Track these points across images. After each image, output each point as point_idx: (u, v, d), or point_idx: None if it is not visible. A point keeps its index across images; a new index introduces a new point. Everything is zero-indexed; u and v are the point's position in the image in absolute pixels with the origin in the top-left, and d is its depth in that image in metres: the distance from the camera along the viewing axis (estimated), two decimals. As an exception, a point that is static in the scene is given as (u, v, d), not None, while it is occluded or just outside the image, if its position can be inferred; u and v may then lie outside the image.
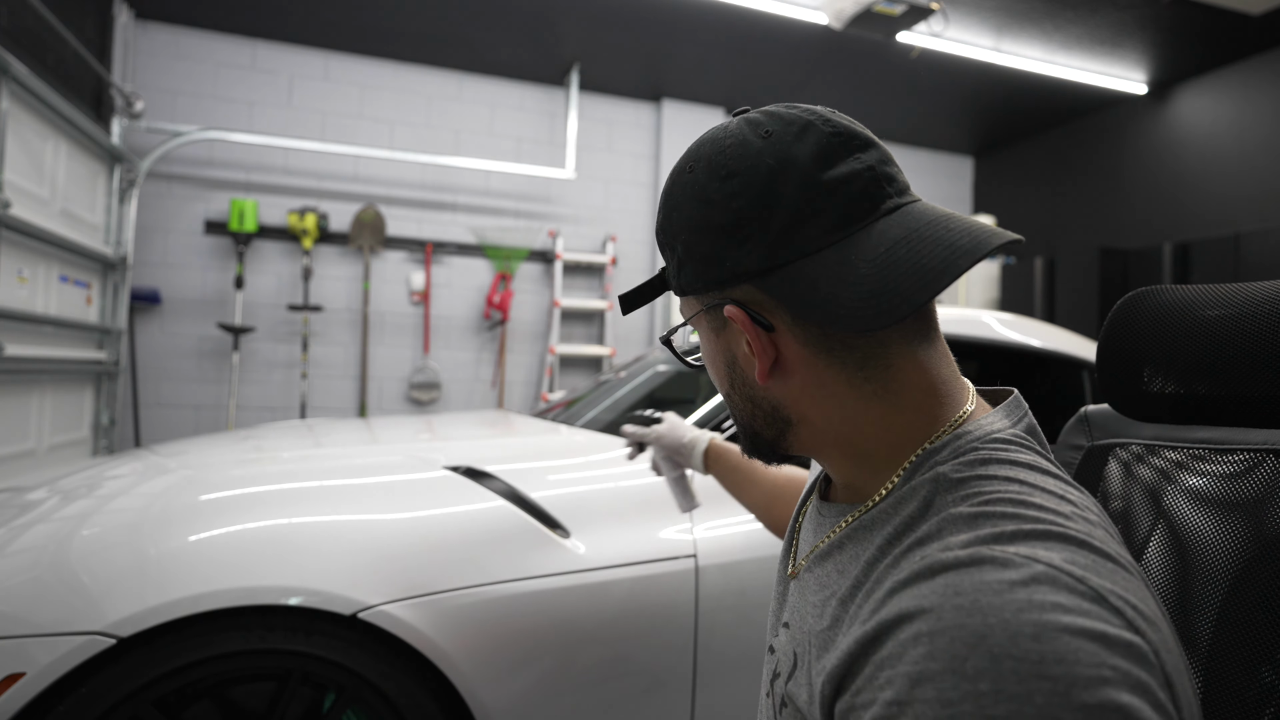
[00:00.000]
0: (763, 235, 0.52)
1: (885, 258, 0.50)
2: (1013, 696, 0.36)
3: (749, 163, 0.53)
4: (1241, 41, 4.34)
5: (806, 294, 0.51)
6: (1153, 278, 4.64)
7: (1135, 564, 0.47)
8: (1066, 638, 0.37)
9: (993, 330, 2.03)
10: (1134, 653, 0.38)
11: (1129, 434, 0.78)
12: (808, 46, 4.50)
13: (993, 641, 0.38)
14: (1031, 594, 0.39)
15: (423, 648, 1.16)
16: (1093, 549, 0.43)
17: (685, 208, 0.56)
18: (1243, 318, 0.63)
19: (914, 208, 0.54)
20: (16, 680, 0.98)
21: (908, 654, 0.40)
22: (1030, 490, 0.48)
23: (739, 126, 0.56)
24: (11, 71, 2.69)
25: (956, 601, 0.40)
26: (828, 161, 0.52)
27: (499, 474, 1.42)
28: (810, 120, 0.54)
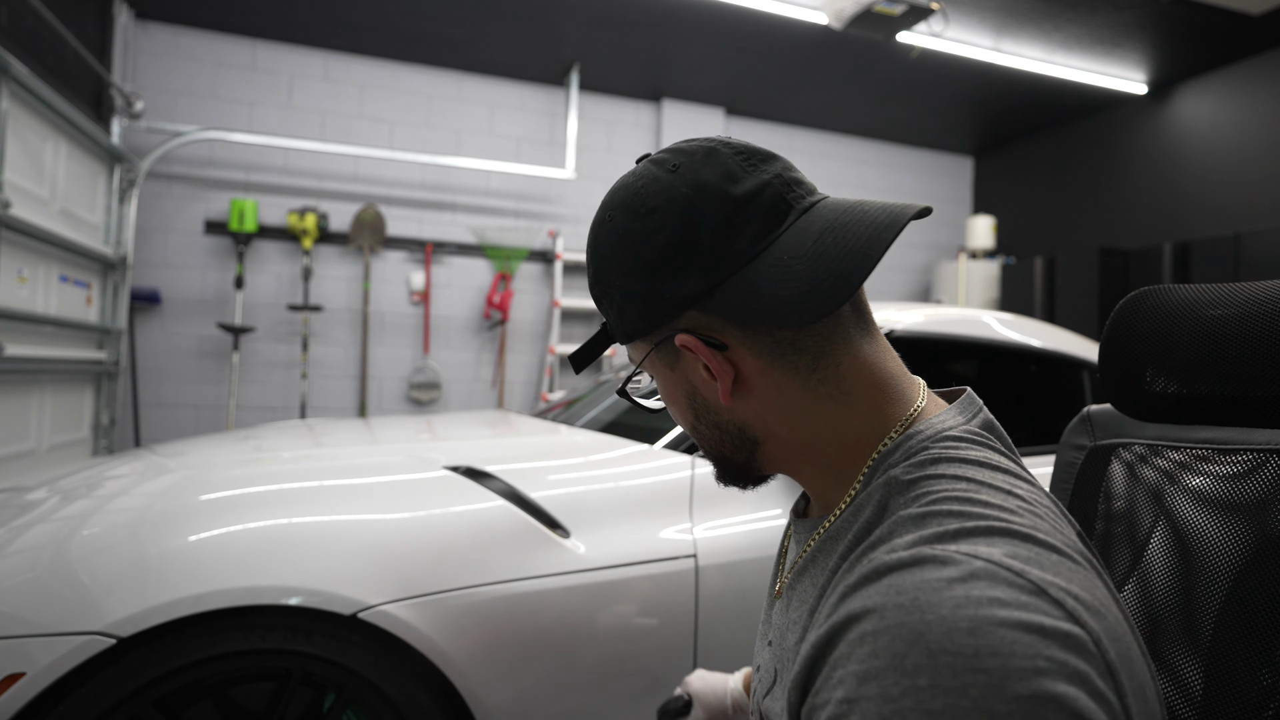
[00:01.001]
0: (695, 259, 0.54)
1: (814, 249, 0.52)
2: (949, 690, 0.37)
3: (665, 196, 0.55)
4: (1241, 41, 4.34)
5: (750, 302, 0.53)
6: (1153, 278, 4.64)
7: (1086, 554, 0.48)
8: (1002, 631, 0.38)
9: (993, 330, 2.03)
10: (1071, 643, 0.39)
11: (1131, 434, 0.78)
12: (808, 46, 4.50)
13: (930, 638, 0.39)
14: (969, 590, 0.40)
15: (423, 648, 1.16)
16: (1036, 542, 0.45)
17: (613, 254, 0.58)
18: (1245, 317, 0.63)
19: (826, 203, 0.56)
20: (16, 680, 0.98)
21: (855, 653, 0.41)
22: (977, 487, 0.49)
23: (646, 168, 0.58)
24: (11, 71, 2.69)
25: (898, 600, 0.41)
26: (736, 179, 0.55)
27: (499, 474, 1.41)
28: (712, 146, 0.57)
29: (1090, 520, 0.81)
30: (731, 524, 1.47)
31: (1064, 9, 3.98)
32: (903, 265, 6.28)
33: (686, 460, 1.55)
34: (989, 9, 4.00)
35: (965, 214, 6.52)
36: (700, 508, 1.46)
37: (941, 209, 6.44)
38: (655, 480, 1.50)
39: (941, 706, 0.37)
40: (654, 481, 1.49)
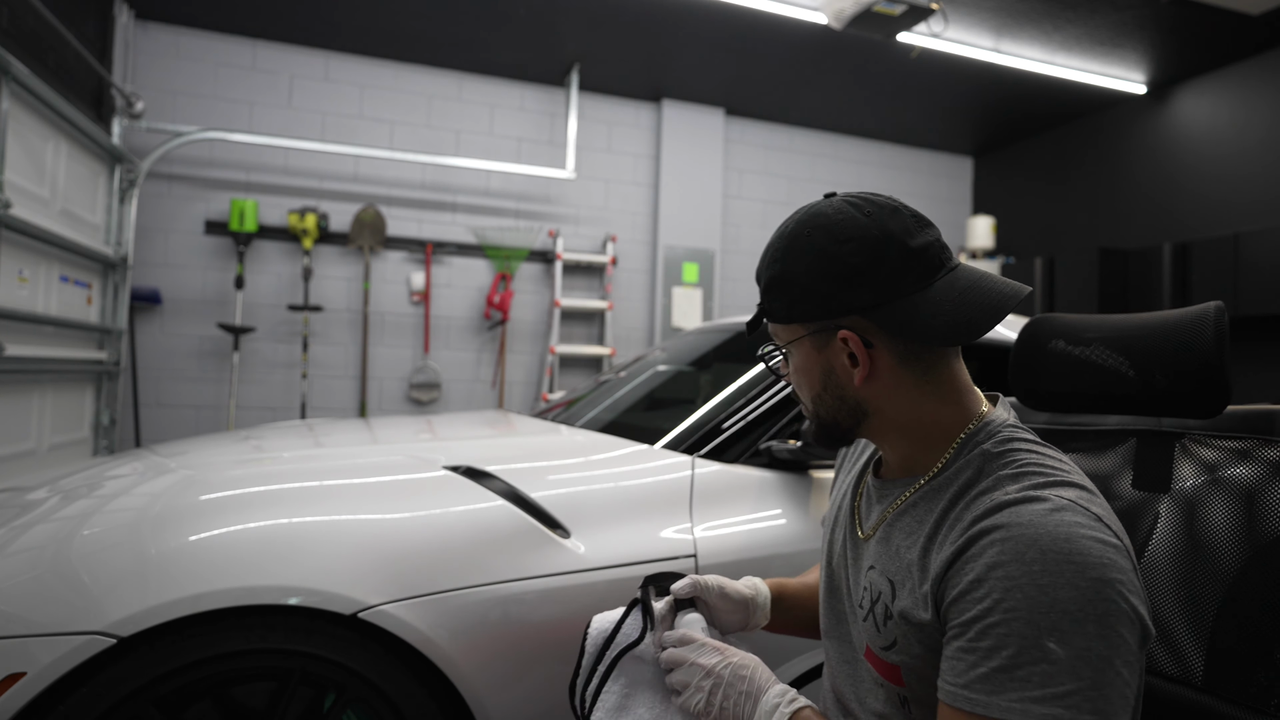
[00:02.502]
0: (873, 282, 0.76)
1: (959, 299, 0.76)
2: (1052, 572, 0.63)
3: (860, 232, 0.77)
4: (1241, 41, 4.34)
5: (909, 322, 0.76)
6: (1153, 278, 4.64)
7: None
8: (1083, 541, 0.65)
9: (993, 330, 2.03)
10: (1120, 550, 0.66)
11: (1029, 420, 1.08)
12: (807, 47, 4.50)
13: (1042, 543, 0.65)
14: (1062, 516, 0.66)
15: (423, 648, 1.16)
16: (1087, 489, 0.72)
17: (805, 260, 0.79)
18: (1106, 340, 0.93)
19: (963, 268, 0.80)
20: (17, 680, 0.98)
21: (986, 552, 0.67)
22: (1044, 456, 0.75)
23: (843, 206, 0.79)
24: (12, 72, 2.69)
25: (1018, 521, 0.67)
26: (912, 234, 0.77)
27: (499, 474, 1.42)
28: (896, 205, 0.79)
29: None
30: (731, 524, 1.47)
31: (1064, 9, 3.98)
32: (903, 265, 6.28)
33: (686, 460, 1.56)
34: (989, 9, 4.00)
35: (965, 214, 6.53)
36: (700, 508, 1.47)
37: (941, 209, 6.44)
38: (655, 480, 1.50)
39: (1048, 582, 0.63)
40: (654, 481, 1.49)
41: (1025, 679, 0.61)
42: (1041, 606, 0.62)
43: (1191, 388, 0.85)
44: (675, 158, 5.45)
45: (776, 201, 5.86)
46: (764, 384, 1.73)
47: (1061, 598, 0.62)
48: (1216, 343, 0.84)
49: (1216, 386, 0.84)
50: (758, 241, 5.79)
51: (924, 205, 6.35)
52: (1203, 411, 0.86)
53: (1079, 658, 0.61)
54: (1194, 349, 0.85)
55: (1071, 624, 0.62)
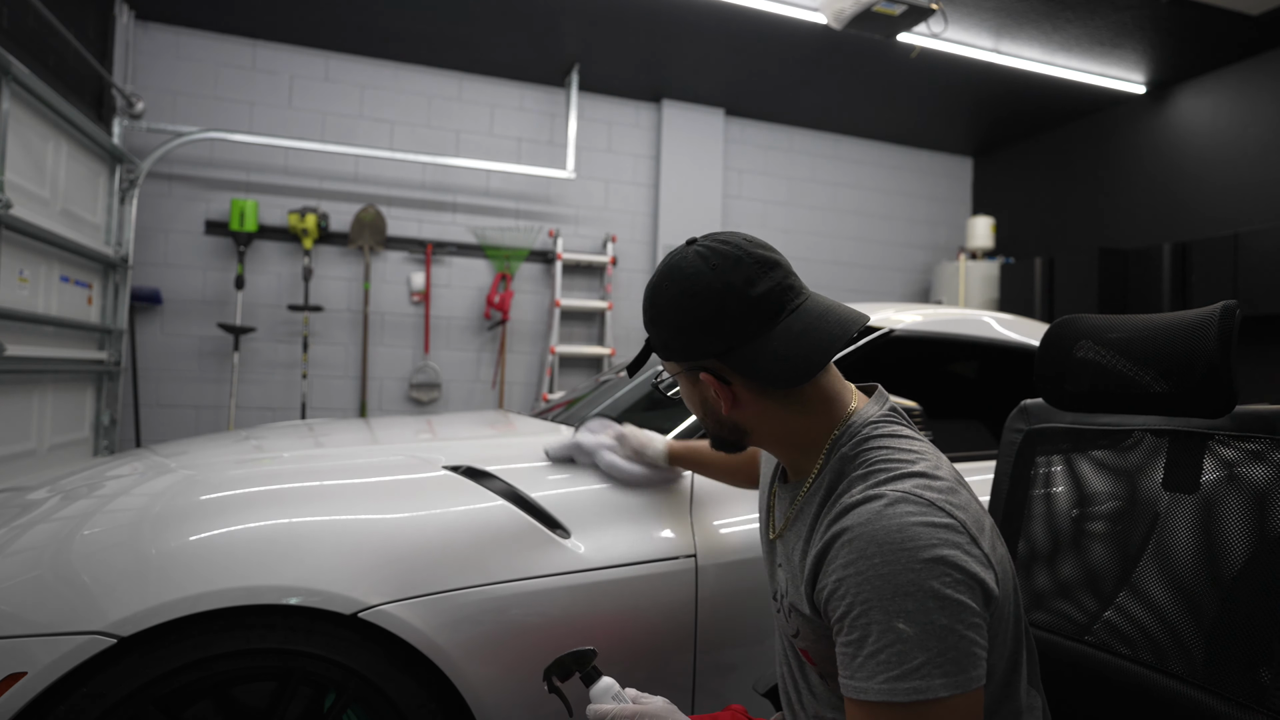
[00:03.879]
0: (721, 332, 0.85)
1: (796, 340, 0.84)
2: (889, 561, 0.73)
3: (704, 286, 0.85)
4: (1241, 42, 4.34)
5: (752, 367, 0.85)
6: (1152, 278, 4.64)
7: (955, 474, 0.84)
8: (913, 528, 0.74)
9: (993, 330, 2.04)
10: (951, 528, 0.74)
11: (1055, 419, 1.14)
12: (807, 46, 4.50)
13: (878, 537, 0.74)
14: (895, 509, 0.75)
15: (423, 647, 1.16)
16: (927, 475, 0.80)
17: (667, 313, 0.88)
18: (1130, 340, 0.95)
19: (807, 304, 0.88)
20: (18, 680, 0.98)
21: (840, 555, 0.77)
22: (892, 450, 0.84)
23: (695, 259, 0.87)
24: (13, 72, 2.69)
25: (859, 521, 0.76)
26: (753, 283, 0.85)
27: (499, 474, 1.42)
28: (740, 254, 0.86)
29: (1025, 482, 1.16)
30: (731, 524, 1.47)
31: (1064, 9, 3.98)
32: (902, 265, 6.29)
33: (686, 460, 1.56)
34: (989, 9, 4.00)
35: (965, 214, 6.53)
36: (700, 508, 1.47)
37: (941, 209, 6.44)
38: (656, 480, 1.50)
39: (888, 571, 0.72)
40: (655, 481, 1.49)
41: (887, 661, 0.71)
42: (887, 594, 0.72)
43: (1198, 387, 0.87)
44: (675, 158, 5.45)
45: (776, 201, 5.87)
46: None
47: (902, 582, 0.71)
48: (1221, 343, 0.84)
49: (1222, 386, 0.85)
50: (758, 241, 5.78)
51: (924, 205, 6.35)
52: (1211, 411, 0.87)
53: (925, 632, 0.70)
54: (1200, 349, 0.86)
55: (914, 604, 0.71)
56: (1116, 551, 1.00)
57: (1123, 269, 4.84)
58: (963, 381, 2.25)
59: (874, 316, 1.95)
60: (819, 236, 6.00)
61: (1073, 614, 1.04)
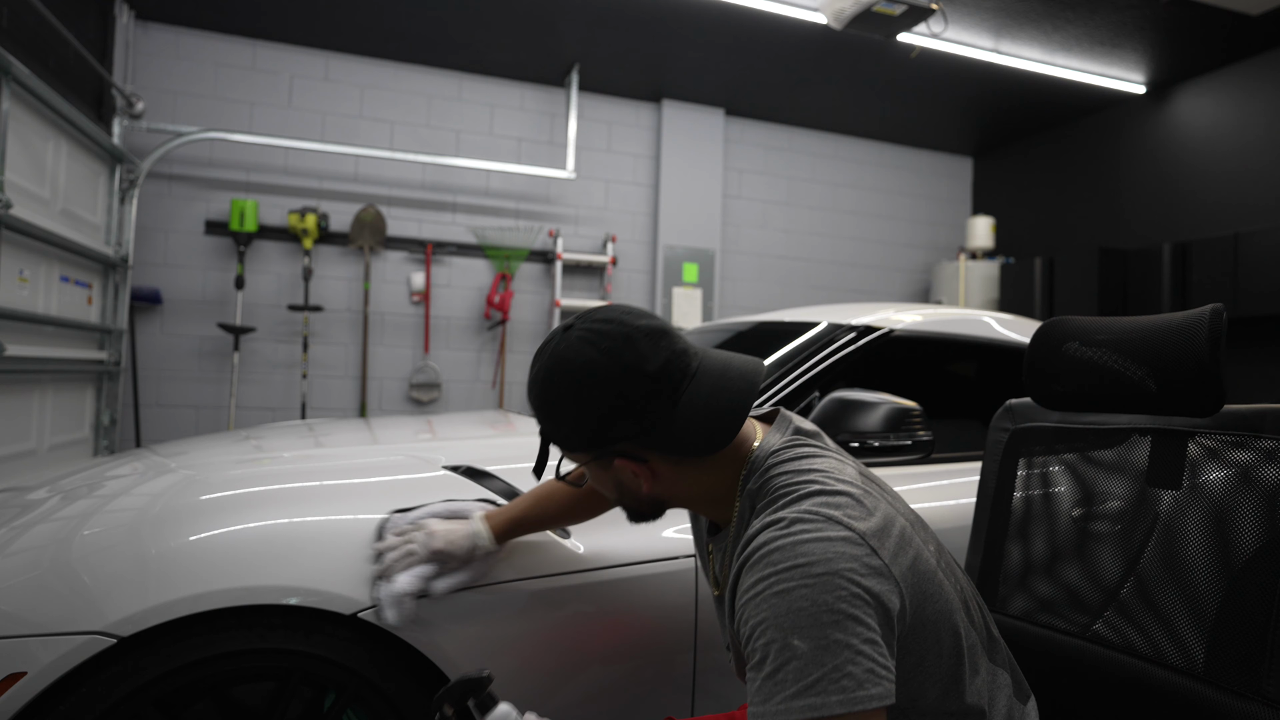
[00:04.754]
0: (627, 418, 0.83)
1: (706, 408, 0.84)
2: (785, 580, 0.72)
3: (601, 371, 0.82)
4: (1241, 41, 4.34)
5: (668, 442, 0.84)
6: (1152, 278, 4.64)
7: (865, 483, 0.84)
8: (808, 545, 0.74)
9: (993, 330, 2.04)
10: (849, 540, 0.74)
11: (1042, 419, 1.16)
12: (807, 46, 4.50)
13: (774, 558, 0.74)
14: (790, 530, 0.75)
15: (423, 647, 1.16)
16: (825, 493, 0.79)
17: (561, 405, 0.84)
18: (1117, 343, 0.98)
19: (705, 364, 0.87)
20: (17, 680, 0.98)
21: (742, 582, 0.77)
22: (791, 474, 0.83)
23: (582, 345, 0.83)
24: (13, 72, 2.69)
25: (758, 547, 0.77)
26: (648, 359, 0.83)
27: (499, 474, 1.42)
28: (626, 332, 0.83)
29: (1011, 479, 1.19)
30: (731, 524, 1.47)
31: (1064, 9, 3.98)
32: (902, 266, 6.29)
33: (686, 460, 1.56)
34: (989, 9, 4.00)
35: (965, 214, 6.53)
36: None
37: (941, 209, 6.44)
38: (655, 480, 1.50)
39: (782, 589, 0.72)
40: (653, 481, 1.49)
41: (783, 680, 0.69)
42: (782, 611, 0.70)
43: (1188, 387, 0.89)
44: (675, 158, 5.45)
45: (776, 201, 5.87)
46: (764, 383, 1.73)
47: (796, 599, 0.70)
48: (1211, 344, 0.87)
49: (1212, 386, 0.87)
50: (758, 241, 5.79)
51: (924, 205, 6.35)
52: (1200, 410, 0.90)
53: (820, 648, 0.68)
54: (1190, 350, 0.88)
55: (809, 619, 0.69)
56: (1106, 548, 1.02)
57: (1123, 269, 4.84)
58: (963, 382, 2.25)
59: (874, 317, 1.95)
60: (819, 236, 5.99)
61: (1066, 610, 1.05)
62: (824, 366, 1.78)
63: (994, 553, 1.19)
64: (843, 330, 1.89)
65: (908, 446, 1.50)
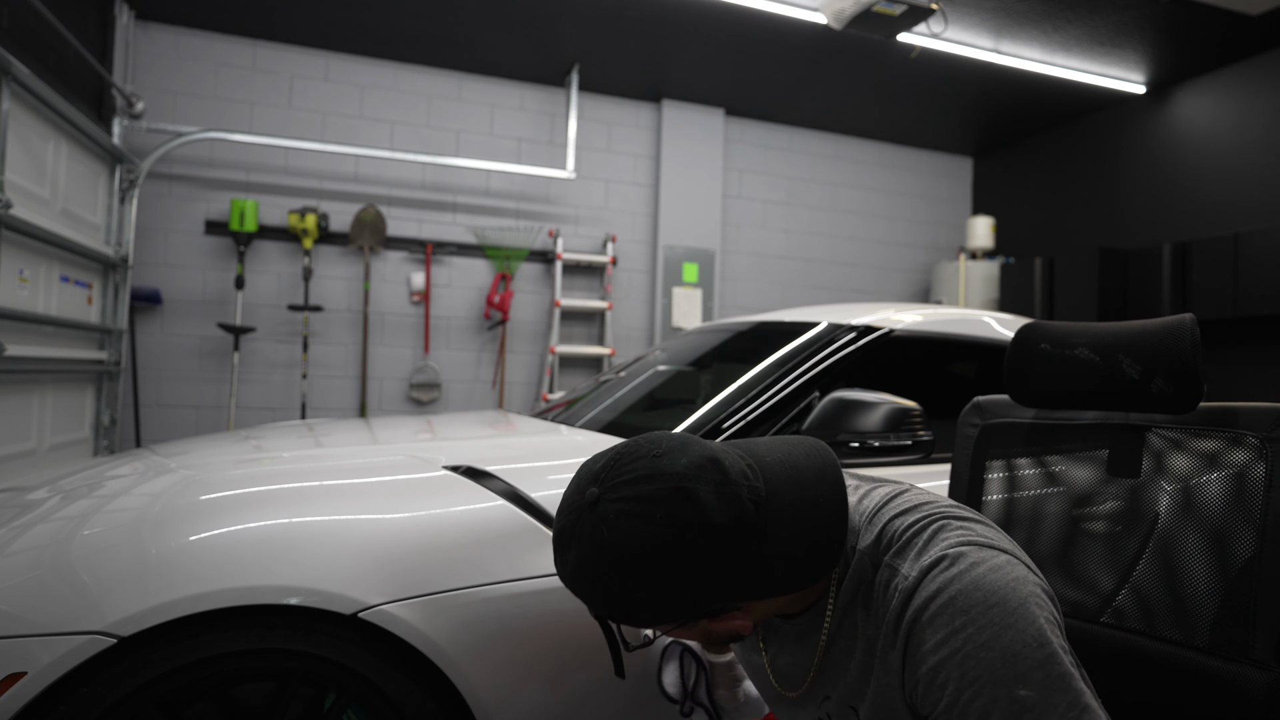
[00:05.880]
0: (711, 583, 0.70)
1: (799, 533, 0.72)
2: (988, 623, 0.67)
3: (666, 550, 0.68)
4: (1241, 41, 4.34)
5: (764, 586, 0.72)
6: (1152, 277, 4.64)
7: (949, 500, 0.81)
8: (987, 579, 0.69)
9: (993, 330, 2.04)
10: (1011, 562, 0.71)
11: (1013, 415, 1.21)
12: (807, 46, 4.50)
13: (963, 602, 0.68)
14: (956, 566, 0.70)
15: (423, 647, 1.16)
16: (952, 517, 0.76)
17: (627, 597, 0.70)
18: (1093, 346, 1.04)
19: (770, 477, 0.74)
20: (18, 680, 0.98)
21: (929, 635, 0.70)
22: (903, 514, 0.79)
23: (627, 522, 0.68)
24: (13, 72, 2.69)
25: (936, 593, 0.70)
26: (713, 507, 0.69)
27: (499, 474, 1.42)
28: (676, 484, 0.69)
29: (982, 473, 1.22)
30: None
31: (1064, 9, 3.98)
32: (902, 265, 6.29)
33: (686, 460, 1.55)
34: (989, 9, 4.00)
35: (965, 214, 6.53)
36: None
37: (941, 209, 6.44)
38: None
39: (989, 637, 0.66)
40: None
41: None
42: (996, 664, 0.64)
43: (1174, 387, 0.96)
44: (675, 158, 5.45)
45: (776, 201, 5.87)
46: (764, 384, 1.73)
47: (1006, 645, 0.64)
48: (1193, 349, 0.95)
49: (1194, 386, 0.96)
50: (758, 241, 5.79)
51: (924, 205, 6.35)
52: (1181, 407, 0.97)
53: (1046, 689, 0.63)
54: (1175, 351, 0.96)
55: (1026, 664, 0.64)
56: (1080, 534, 1.08)
57: (1123, 269, 4.84)
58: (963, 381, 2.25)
59: (874, 317, 1.95)
60: (819, 236, 6.00)
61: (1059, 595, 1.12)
62: (824, 366, 1.78)
63: None
64: (843, 330, 1.89)
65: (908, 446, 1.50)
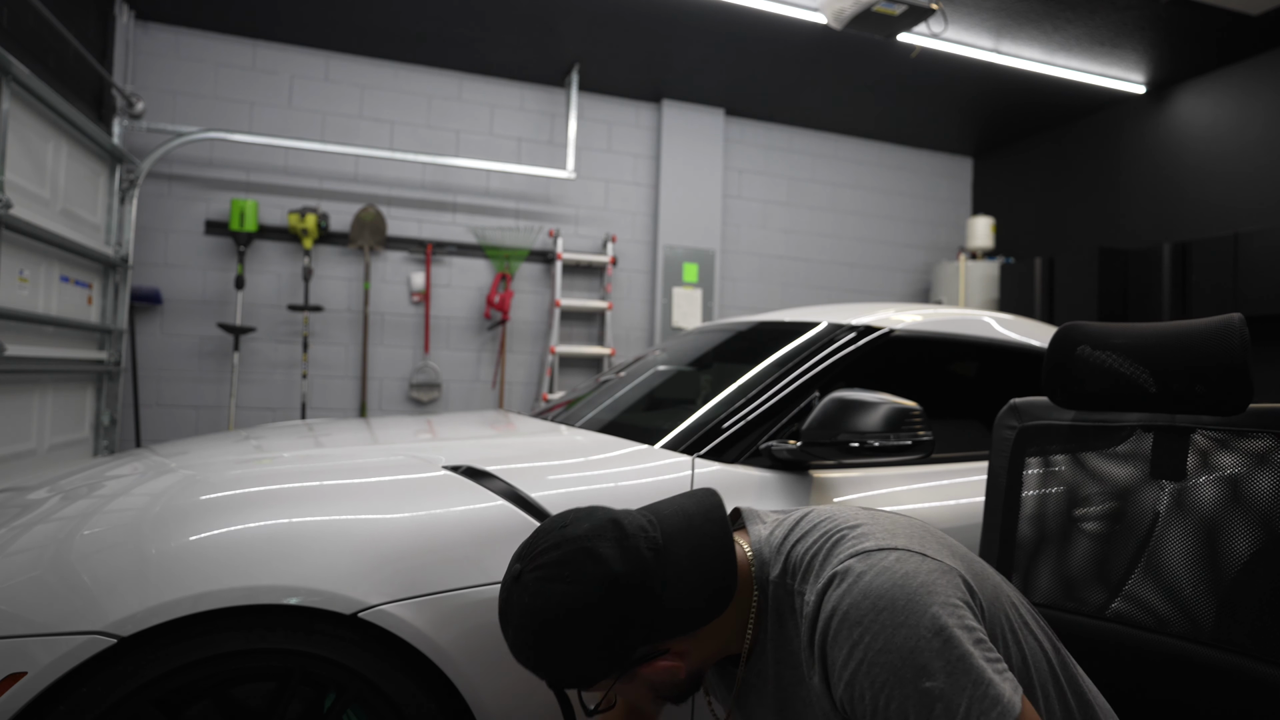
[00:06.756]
0: (627, 629, 0.77)
1: (696, 571, 0.79)
2: (882, 626, 0.71)
3: (580, 604, 0.76)
4: (1241, 41, 4.34)
5: (678, 623, 0.78)
6: (1152, 278, 4.64)
7: (854, 509, 0.85)
8: (876, 584, 0.73)
9: (993, 330, 2.04)
10: (900, 558, 0.76)
11: (1052, 417, 1.21)
12: (808, 46, 4.50)
13: (856, 614, 0.72)
14: (848, 580, 0.75)
15: (423, 647, 1.16)
16: (847, 527, 0.81)
17: (559, 654, 0.77)
18: (1130, 347, 1.05)
19: (665, 526, 0.82)
20: (18, 680, 0.98)
21: (835, 653, 0.74)
22: (806, 540, 0.84)
23: (544, 586, 0.77)
24: (13, 72, 2.69)
25: (834, 610, 0.75)
26: (614, 559, 0.77)
27: (499, 474, 1.42)
28: (579, 546, 0.78)
29: (1020, 475, 1.23)
30: (731, 524, 1.47)
31: (1064, 9, 3.98)
32: (902, 265, 6.29)
33: (686, 460, 1.56)
34: (989, 9, 4.00)
35: (965, 214, 6.53)
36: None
37: (941, 209, 6.44)
38: (655, 480, 1.50)
39: (885, 641, 0.70)
40: (654, 481, 1.50)
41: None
42: (897, 664, 0.67)
43: (1223, 389, 0.96)
44: (675, 158, 5.45)
45: (776, 201, 5.87)
46: (764, 384, 1.73)
47: (902, 643, 0.67)
48: (1242, 349, 0.95)
49: (1243, 387, 0.95)
50: (758, 241, 5.79)
51: (924, 205, 6.35)
52: (1230, 409, 0.96)
53: (951, 674, 0.66)
54: (1225, 355, 0.96)
55: (927, 655, 0.66)
56: (1117, 535, 1.08)
57: (1123, 269, 4.84)
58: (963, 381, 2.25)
59: (874, 317, 1.95)
60: (819, 236, 6.00)
61: (1080, 593, 1.12)
62: (824, 367, 1.78)
63: (1009, 543, 1.24)
64: (843, 330, 1.89)
65: (908, 446, 1.50)
